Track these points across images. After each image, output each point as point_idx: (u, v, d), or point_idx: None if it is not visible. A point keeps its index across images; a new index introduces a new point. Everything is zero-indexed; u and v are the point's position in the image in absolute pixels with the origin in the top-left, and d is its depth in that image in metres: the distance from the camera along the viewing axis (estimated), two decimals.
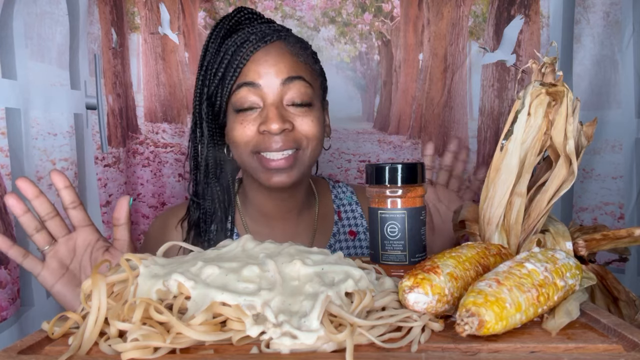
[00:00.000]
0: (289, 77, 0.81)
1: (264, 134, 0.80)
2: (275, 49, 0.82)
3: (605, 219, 1.29)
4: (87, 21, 1.15)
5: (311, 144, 0.83)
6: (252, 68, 0.81)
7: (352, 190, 1.02)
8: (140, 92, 1.39)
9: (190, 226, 0.90)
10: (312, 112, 0.83)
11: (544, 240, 0.66)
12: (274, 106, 0.80)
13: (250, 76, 0.81)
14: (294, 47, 0.83)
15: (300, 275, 0.51)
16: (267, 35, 0.82)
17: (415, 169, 0.65)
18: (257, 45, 0.81)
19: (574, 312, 0.50)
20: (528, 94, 0.63)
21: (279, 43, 0.83)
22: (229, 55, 0.82)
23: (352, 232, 0.97)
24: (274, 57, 0.81)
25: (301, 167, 0.83)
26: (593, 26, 1.29)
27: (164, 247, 0.61)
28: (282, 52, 0.82)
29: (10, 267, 0.86)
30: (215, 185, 0.88)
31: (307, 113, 0.82)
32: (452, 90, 1.41)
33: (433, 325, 0.47)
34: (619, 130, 1.27)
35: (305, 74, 0.82)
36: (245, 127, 0.81)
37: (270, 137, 0.80)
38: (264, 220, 0.93)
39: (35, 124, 0.96)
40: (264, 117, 0.80)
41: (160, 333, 0.43)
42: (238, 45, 0.81)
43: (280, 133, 0.79)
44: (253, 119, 0.81)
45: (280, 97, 0.81)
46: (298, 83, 0.81)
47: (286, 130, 0.80)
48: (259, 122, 0.81)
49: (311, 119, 0.82)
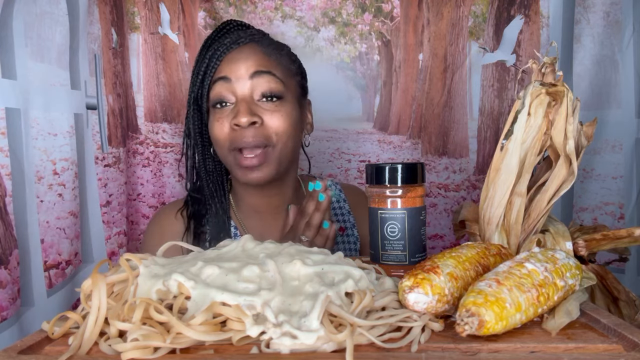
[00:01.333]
0: (257, 71, 0.85)
1: (236, 130, 0.85)
2: (247, 48, 0.88)
3: (605, 219, 1.29)
4: (87, 21, 1.15)
5: (280, 140, 0.86)
6: (225, 65, 0.87)
7: (340, 188, 1.05)
8: (140, 92, 1.39)
9: (190, 216, 0.94)
10: (283, 108, 0.86)
11: (544, 240, 0.66)
12: (244, 101, 0.85)
13: (223, 72, 0.87)
14: (267, 47, 0.89)
15: (300, 275, 0.51)
16: (241, 37, 0.89)
17: (415, 169, 0.65)
18: (231, 47, 0.87)
19: (574, 312, 0.50)
20: (528, 94, 0.63)
21: (251, 44, 0.89)
22: (207, 58, 0.88)
23: (341, 227, 1.01)
24: (245, 54, 0.87)
25: (273, 164, 0.87)
26: (593, 26, 1.29)
27: (164, 247, 0.61)
28: (253, 51, 0.87)
29: (10, 267, 0.86)
30: (209, 182, 0.93)
31: (277, 108, 0.86)
32: (452, 90, 1.41)
33: (433, 325, 0.47)
34: (619, 130, 1.27)
35: (275, 70, 0.87)
36: (222, 123, 0.86)
37: (241, 131, 0.84)
38: (256, 216, 0.96)
39: (35, 124, 0.96)
40: (235, 111, 0.85)
41: (160, 333, 0.43)
42: (216, 49, 0.88)
43: (248, 126, 0.83)
44: (227, 115, 0.86)
45: (250, 91, 0.86)
46: (267, 77, 0.85)
47: (256, 124, 0.84)
48: (231, 117, 0.85)
49: (280, 115, 0.86)
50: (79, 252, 1.10)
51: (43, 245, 0.97)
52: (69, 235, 1.04)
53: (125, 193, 1.32)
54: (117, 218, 1.26)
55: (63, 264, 1.03)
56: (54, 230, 1.00)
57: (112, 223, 1.24)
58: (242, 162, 0.85)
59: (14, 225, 0.88)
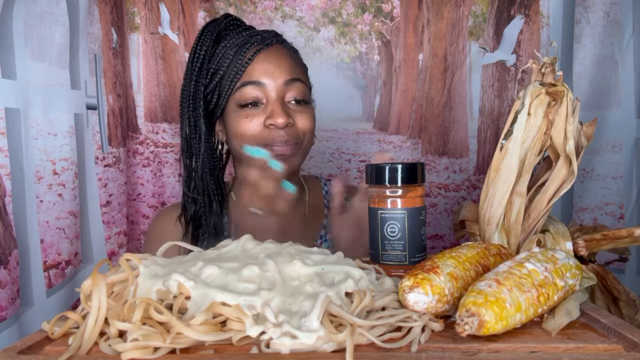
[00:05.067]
0: (291, 78, 0.89)
1: (270, 128, 0.87)
2: (275, 52, 0.90)
3: (605, 219, 1.29)
4: (87, 21, 1.15)
5: (307, 138, 0.92)
6: (256, 68, 0.88)
7: None
8: (140, 92, 1.39)
9: (188, 221, 0.94)
10: (308, 109, 0.92)
11: (544, 240, 0.66)
12: (278, 102, 0.88)
13: (255, 76, 0.88)
14: (290, 50, 0.93)
15: (300, 275, 0.51)
16: (266, 38, 0.90)
17: (415, 169, 0.65)
18: (260, 48, 0.88)
19: (574, 312, 0.50)
20: (528, 94, 0.63)
21: (277, 46, 0.91)
22: (230, 56, 0.88)
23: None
24: (275, 59, 0.89)
25: (300, 157, 0.93)
26: (593, 26, 1.29)
27: (164, 247, 0.61)
28: (281, 55, 0.90)
29: (10, 267, 0.86)
30: (209, 180, 0.93)
31: (305, 110, 0.91)
32: (452, 90, 1.41)
33: (433, 325, 0.47)
34: (619, 130, 1.27)
35: (301, 76, 0.92)
36: (252, 120, 0.88)
37: (276, 130, 0.87)
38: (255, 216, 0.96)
39: (35, 124, 0.96)
40: (269, 112, 0.87)
41: (160, 333, 0.43)
42: (239, 47, 0.88)
43: (284, 127, 0.87)
44: (258, 114, 0.88)
45: (283, 95, 0.89)
46: (298, 84, 0.90)
47: (289, 125, 0.88)
48: (263, 117, 0.88)
49: (307, 116, 0.91)
50: (79, 252, 1.10)
51: (43, 245, 0.97)
52: (69, 235, 1.04)
53: (125, 193, 1.32)
54: (117, 218, 1.26)
55: (63, 264, 1.03)
56: (53, 230, 1.00)
57: (112, 223, 1.24)
58: (276, 151, 0.88)
59: (14, 225, 0.88)
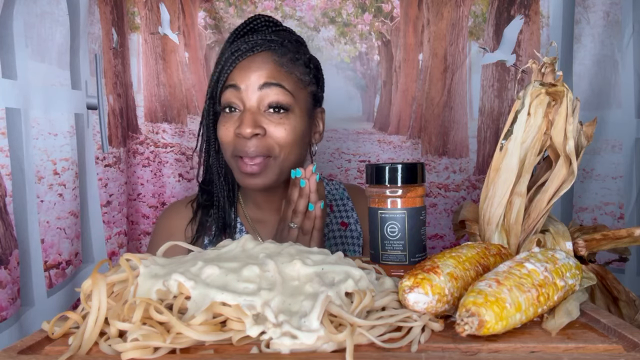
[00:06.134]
0: (266, 82, 0.86)
1: (239, 137, 0.86)
2: (260, 58, 0.87)
3: (605, 219, 1.29)
4: (87, 21, 1.15)
5: (283, 151, 0.87)
6: (237, 73, 0.87)
7: (344, 187, 1.09)
8: (140, 92, 1.39)
9: (198, 206, 0.97)
10: (288, 120, 0.87)
11: (544, 240, 0.66)
12: (250, 111, 0.86)
13: (235, 80, 0.87)
14: (282, 57, 0.88)
15: (300, 275, 0.51)
16: (256, 45, 0.88)
17: (415, 169, 0.65)
18: (245, 54, 0.87)
19: (574, 312, 0.50)
20: (528, 94, 0.63)
21: (266, 52, 0.88)
22: (223, 61, 0.89)
23: (344, 222, 1.03)
24: (257, 64, 0.87)
25: (273, 173, 0.88)
26: (593, 26, 1.29)
27: (164, 247, 0.61)
28: (266, 61, 0.87)
29: (10, 267, 0.86)
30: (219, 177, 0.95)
31: (282, 120, 0.86)
32: (452, 90, 1.41)
33: (433, 325, 0.47)
34: (619, 130, 1.27)
35: (285, 82, 0.87)
36: (227, 128, 0.88)
37: (244, 141, 0.85)
38: (263, 213, 0.99)
39: (35, 124, 0.96)
40: (240, 120, 0.86)
41: (160, 333, 0.43)
42: (232, 53, 0.88)
43: (251, 137, 0.85)
44: (233, 122, 0.87)
45: (258, 102, 0.86)
46: (275, 89, 0.86)
47: (258, 135, 0.85)
48: (236, 125, 0.86)
49: (285, 127, 0.86)
50: (79, 252, 1.10)
51: (43, 245, 0.97)
52: (69, 235, 1.04)
53: (126, 193, 1.32)
54: (117, 218, 1.26)
55: (63, 264, 1.03)
56: (54, 230, 1.00)
57: (112, 223, 1.24)
58: (243, 168, 0.87)
59: (14, 225, 0.88)
